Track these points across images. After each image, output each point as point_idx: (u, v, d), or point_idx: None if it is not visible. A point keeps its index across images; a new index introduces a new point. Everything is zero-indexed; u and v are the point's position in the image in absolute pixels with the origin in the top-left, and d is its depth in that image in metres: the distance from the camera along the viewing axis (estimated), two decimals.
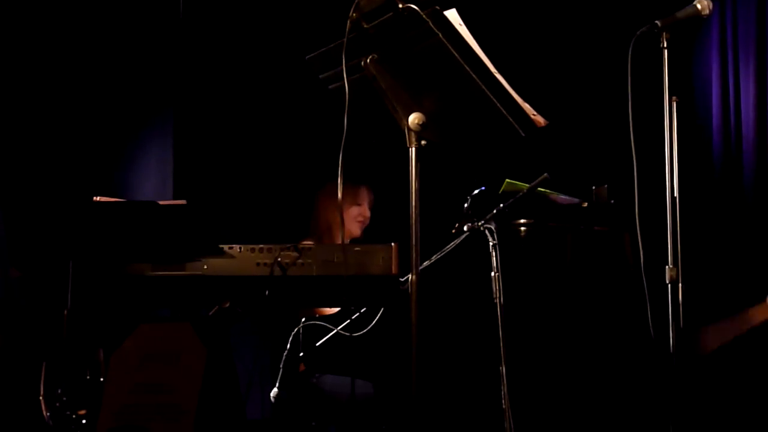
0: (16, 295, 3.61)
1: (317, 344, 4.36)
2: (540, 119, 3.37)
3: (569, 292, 4.23)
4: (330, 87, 3.43)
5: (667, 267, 3.67)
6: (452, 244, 4.10)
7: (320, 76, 3.45)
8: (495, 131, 3.28)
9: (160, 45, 6.17)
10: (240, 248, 3.78)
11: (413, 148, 3.21)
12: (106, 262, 3.79)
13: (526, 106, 3.32)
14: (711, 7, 3.81)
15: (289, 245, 3.77)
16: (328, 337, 4.32)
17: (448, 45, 3.17)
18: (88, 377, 3.80)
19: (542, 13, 6.28)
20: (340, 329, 4.26)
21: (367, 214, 5.47)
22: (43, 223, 3.89)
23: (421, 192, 3.23)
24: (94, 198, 3.95)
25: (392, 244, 3.82)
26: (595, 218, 4.31)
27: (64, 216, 3.81)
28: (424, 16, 3.14)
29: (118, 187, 5.88)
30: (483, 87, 3.20)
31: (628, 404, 4.31)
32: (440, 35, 3.16)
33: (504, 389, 3.81)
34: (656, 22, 3.73)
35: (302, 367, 4.63)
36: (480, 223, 4.04)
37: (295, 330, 4.41)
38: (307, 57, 3.47)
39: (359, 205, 5.43)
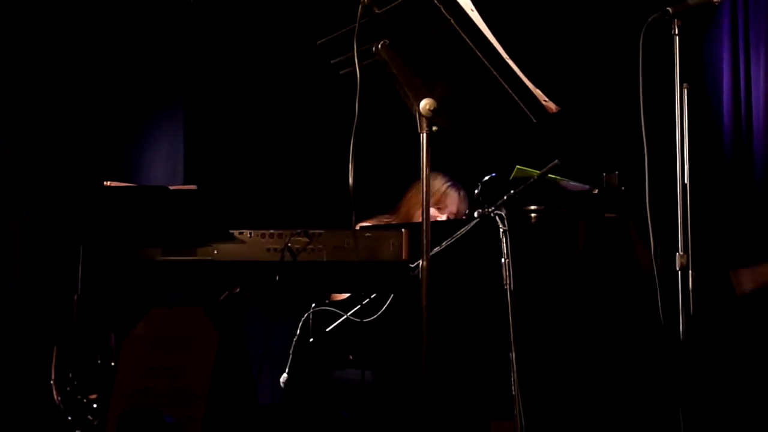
0: (35, 281, 3.62)
1: (327, 330, 4.36)
2: (551, 105, 3.37)
3: (579, 279, 4.23)
4: (341, 72, 3.43)
5: (677, 254, 3.68)
6: (462, 230, 4.10)
7: (331, 62, 3.45)
8: (506, 117, 3.28)
9: (170, 31, 6.17)
10: (250, 233, 3.79)
11: (424, 134, 3.21)
12: (117, 247, 3.80)
13: (538, 92, 3.32)
14: None
15: (299, 231, 3.77)
16: (337, 323, 4.32)
17: (459, 30, 3.17)
18: (99, 361, 3.80)
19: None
20: (350, 315, 4.26)
21: (442, 219, 5.16)
22: (54, 208, 3.89)
23: None
24: (105, 183, 3.96)
25: (402, 230, 3.82)
26: (605, 205, 4.30)
27: (75, 201, 3.81)
28: (435, 1, 3.14)
29: (129, 171, 5.89)
30: (495, 73, 3.20)
31: (637, 391, 4.31)
32: (452, 21, 3.16)
33: (513, 375, 3.82)
34: (668, 8, 3.72)
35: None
36: (490, 210, 4.04)
37: (305, 316, 4.41)
38: (318, 42, 3.47)
39: (438, 208, 5.19)
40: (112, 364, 3.71)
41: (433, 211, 5.14)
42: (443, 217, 5.18)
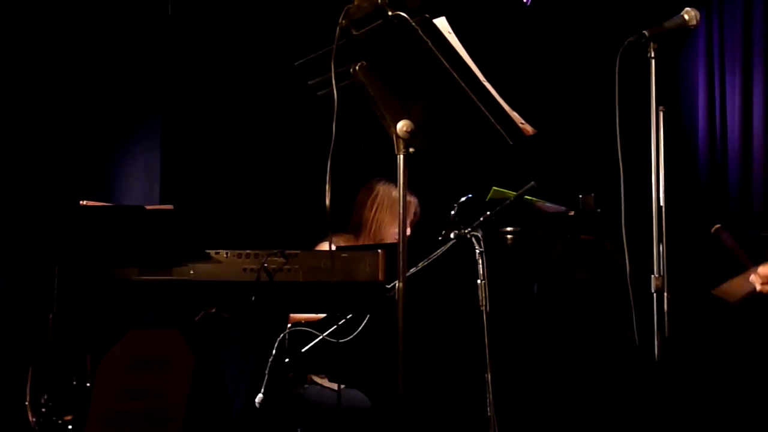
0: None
1: (302, 350, 4.35)
2: (528, 128, 3.38)
3: (555, 301, 4.24)
4: (319, 93, 3.42)
5: (652, 276, 3.68)
6: (439, 252, 4.10)
7: (309, 83, 3.45)
8: (483, 139, 3.28)
9: (148, 49, 6.17)
10: (227, 253, 3.79)
11: (401, 156, 3.22)
12: (93, 267, 3.79)
13: (515, 115, 3.33)
14: (698, 17, 3.82)
15: (276, 251, 3.77)
16: (313, 343, 4.31)
17: (437, 53, 3.17)
18: (74, 382, 3.79)
19: (531, 23, 6.30)
20: (326, 335, 4.25)
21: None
22: (30, 227, 3.88)
23: None
24: (81, 202, 3.95)
25: (379, 250, 3.82)
26: (581, 227, 4.31)
27: (50, 220, 3.80)
28: (413, 23, 3.14)
29: (105, 191, 5.88)
30: (471, 95, 3.20)
31: (613, 412, 4.32)
32: (429, 43, 3.16)
33: (489, 397, 3.82)
34: (644, 32, 3.73)
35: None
36: (467, 231, 4.04)
37: (281, 336, 4.40)
38: (295, 63, 3.47)
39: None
40: (88, 385, 3.70)
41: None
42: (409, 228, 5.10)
